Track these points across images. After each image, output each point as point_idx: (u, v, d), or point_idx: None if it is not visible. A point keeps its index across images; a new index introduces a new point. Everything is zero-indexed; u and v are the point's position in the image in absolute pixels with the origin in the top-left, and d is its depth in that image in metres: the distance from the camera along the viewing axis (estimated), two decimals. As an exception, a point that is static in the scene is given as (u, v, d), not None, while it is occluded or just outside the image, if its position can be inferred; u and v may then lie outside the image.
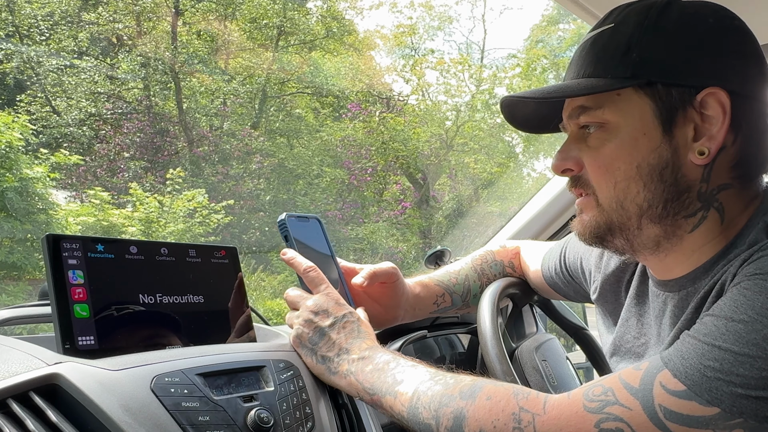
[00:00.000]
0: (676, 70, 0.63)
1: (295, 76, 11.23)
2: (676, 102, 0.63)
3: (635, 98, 0.64)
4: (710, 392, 0.53)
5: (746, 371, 0.52)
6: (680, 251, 0.68)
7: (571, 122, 0.70)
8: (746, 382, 0.51)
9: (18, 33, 9.13)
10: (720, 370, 0.53)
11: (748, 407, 0.51)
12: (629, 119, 0.64)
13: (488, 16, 15.63)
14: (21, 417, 0.60)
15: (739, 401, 0.52)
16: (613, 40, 0.65)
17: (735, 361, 0.52)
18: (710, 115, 0.62)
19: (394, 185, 11.67)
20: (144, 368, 0.69)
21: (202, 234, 7.99)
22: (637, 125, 0.64)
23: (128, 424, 0.63)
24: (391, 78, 13.23)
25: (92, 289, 0.76)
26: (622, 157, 0.65)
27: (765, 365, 0.51)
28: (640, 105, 0.64)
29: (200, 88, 10.22)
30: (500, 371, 0.84)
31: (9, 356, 0.67)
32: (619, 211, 0.66)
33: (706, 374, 0.53)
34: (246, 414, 0.72)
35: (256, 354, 0.82)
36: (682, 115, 0.63)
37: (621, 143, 0.65)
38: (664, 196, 0.64)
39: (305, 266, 0.81)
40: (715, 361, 0.53)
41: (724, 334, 0.54)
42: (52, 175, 6.95)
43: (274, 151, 10.67)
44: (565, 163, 0.70)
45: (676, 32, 0.63)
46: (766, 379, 0.51)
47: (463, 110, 13.16)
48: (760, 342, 0.52)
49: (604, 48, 0.66)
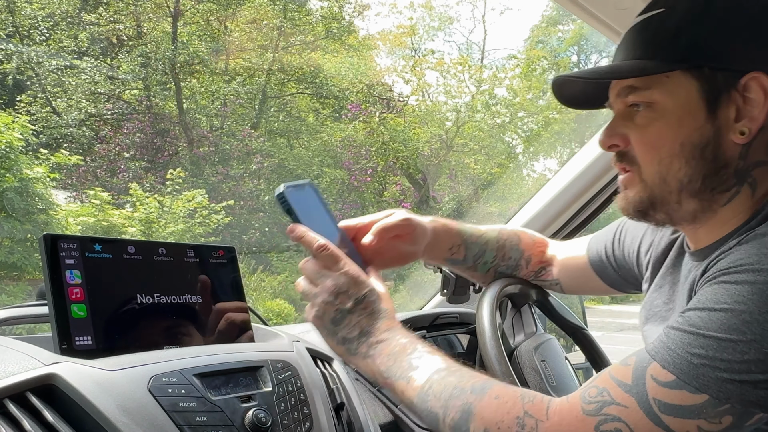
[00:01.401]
0: (722, 55, 0.66)
1: (295, 76, 11.24)
2: (721, 85, 0.66)
3: (683, 80, 0.67)
4: (698, 379, 0.55)
5: (730, 356, 0.54)
6: (713, 223, 0.71)
7: (619, 100, 0.73)
8: (730, 366, 0.54)
9: (18, 33, 9.14)
10: (705, 356, 0.55)
11: (734, 392, 0.54)
12: (676, 100, 0.68)
13: (488, 16, 15.64)
14: (18, 417, 0.60)
15: (725, 386, 0.54)
16: (664, 24, 0.69)
17: (719, 347, 0.54)
18: (752, 97, 0.65)
19: (394, 186, 11.68)
20: (141, 368, 0.69)
21: (202, 234, 7.99)
22: (684, 106, 0.68)
23: (125, 424, 0.63)
24: (392, 78, 13.25)
25: (90, 289, 0.75)
26: (667, 135, 0.68)
27: (746, 348, 0.53)
28: (687, 87, 0.67)
29: (200, 89, 10.23)
30: (499, 372, 0.84)
31: (6, 356, 0.67)
32: (662, 186, 0.70)
33: (692, 362, 0.55)
34: (244, 414, 0.72)
35: (254, 354, 0.82)
36: (726, 97, 0.66)
37: (667, 122, 0.68)
38: (703, 172, 0.68)
39: (318, 244, 0.75)
40: (701, 349, 0.55)
41: (707, 323, 0.56)
42: (52, 175, 6.95)
43: (274, 151, 10.68)
44: (612, 139, 0.73)
45: (723, 18, 0.66)
46: (748, 362, 0.53)
47: (463, 111, 13.16)
48: (740, 327, 0.54)
49: (655, 32, 0.70)
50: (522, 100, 14.14)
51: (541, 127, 14.35)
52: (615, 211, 0.88)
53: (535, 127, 14.61)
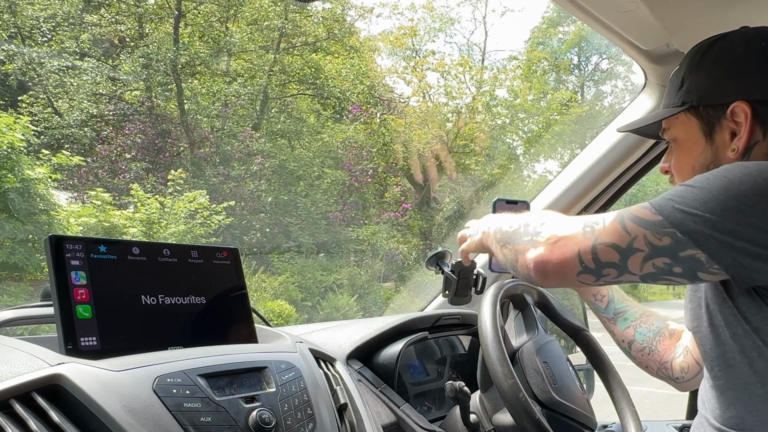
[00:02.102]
0: (710, 95, 0.87)
1: (296, 77, 11.24)
2: (713, 118, 0.87)
3: (686, 119, 0.90)
4: (660, 206, 0.75)
5: (686, 195, 0.74)
6: None
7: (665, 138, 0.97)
8: (684, 201, 0.74)
9: (20, 34, 9.15)
10: (672, 194, 0.76)
11: (678, 219, 0.73)
12: (685, 134, 0.91)
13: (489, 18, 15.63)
14: (24, 417, 0.60)
15: (674, 213, 0.74)
16: (675, 78, 0.93)
17: (683, 190, 0.75)
18: (740, 121, 0.84)
19: (394, 187, 11.67)
20: (146, 369, 0.70)
21: (203, 235, 7.99)
22: (690, 137, 0.90)
23: (130, 424, 0.63)
24: (392, 80, 13.25)
25: (95, 290, 0.76)
26: (684, 161, 0.91)
27: (700, 194, 0.73)
28: (690, 124, 0.90)
29: (201, 90, 10.23)
30: (501, 373, 0.84)
31: (12, 357, 0.67)
32: None
33: (663, 196, 0.76)
34: (248, 415, 0.73)
35: (257, 355, 0.83)
36: (719, 126, 0.86)
37: (683, 151, 0.92)
38: None
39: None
40: (674, 190, 0.76)
41: (686, 181, 0.77)
42: (53, 176, 6.95)
43: (275, 152, 10.68)
44: (664, 166, 0.97)
45: (711, 66, 0.88)
46: (697, 201, 0.72)
47: (464, 112, 13.16)
48: (702, 181, 0.74)
49: (670, 85, 0.94)
50: (523, 102, 14.14)
51: (542, 128, 14.35)
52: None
53: (535, 128, 14.61)
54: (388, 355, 1.10)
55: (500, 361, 0.85)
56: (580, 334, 1.13)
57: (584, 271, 0.78)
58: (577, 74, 17.78)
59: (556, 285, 0.85)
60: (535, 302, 1.10)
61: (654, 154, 1.53)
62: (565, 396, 0.96)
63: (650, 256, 0.75)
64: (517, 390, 0.83)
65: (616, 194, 1.60)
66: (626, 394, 1.07)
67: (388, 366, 1.09)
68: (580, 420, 0.97)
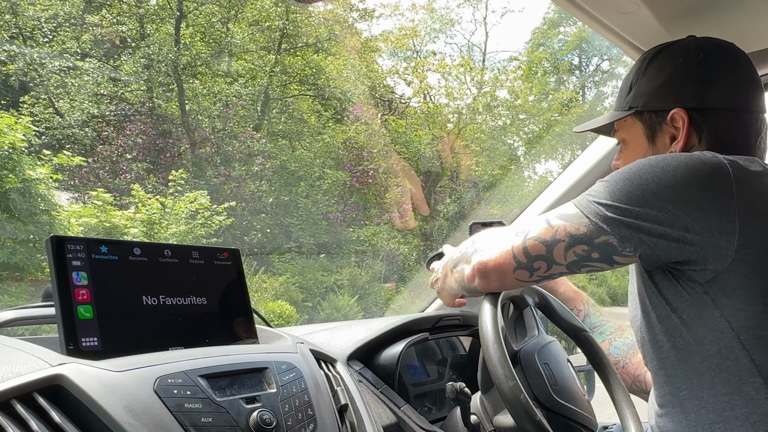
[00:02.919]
0: (653, 101, 0.95)
1: (297, 78, 11.25)
2: (655, 122, 0.95)
3: (632, 122, 0.98)
4: (578, 202, 0.85)
5: (600, 189, 0.83)
6: None
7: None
8: (597, 194, 0.83)
9: (21, 35, 9.16)
10: (589, 191, 0.85)
11: (592, 210, 0.82)
12: (631, 136, 0.99)
13: (489, 18, 15.63)
14: (25, 418, 0.60)
15: (589, 205, 0.83)
16: (625, 83, 1.01)
17: (598, 185, 0.84)
18: (678, 127, 0.92)
19: (395, 188, 11.68)
20: (147, 369, 0.70)
21: (204, 235, 7.99)
22: (635, 140, 0.98)
23: (131, 425, 0.63)
24: (393, 80, 13.25)
25: (96, 291, 0.76)
26: (630, 160, 0.93)
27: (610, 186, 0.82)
28: (635, 126, 0.98)
29: (203, 90, 10.24)
30: (502, 375, 0.84)
31: (13, 357, 0.67)
32: None
33: (583, 194, 0.86)
34: (248, 415, 0.73)
35: (258, 356, 0.83)
36: (660, 130, 0.95)
37: (629, 152, 1.00)
38: None
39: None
40: (591, 188, 0.86)
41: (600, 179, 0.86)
42: (54, 176, 6.96)
43: (276, 153, 10.68)
44: (615, 164, 1.05)
45: (654, 74, 0.95)
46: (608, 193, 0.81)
47: (464, 113, 13.16)
48: (614, 176, 0.83)
49: (621, 88, 1.02)
50: (523, 102, 14.14)
51: (543, 129, 14.35)
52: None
53: (536, 128, 14.61)
54: (389, 356, 1.10)
55: (501, 363, 0.85)
56: (581, 335, 1.13)
57: (518, 266, 0.87)
58: (578, 75, 17.78)
59: (496, 286, 0.91)
60: (536, 303, 1.10)
61: None
62: (565, 397, 0.96)
63: (571, 245, 0.83)
64: (518, 392, 0.82)
65: None
66: (627, 395, 1.07)
67: (389, 367, 1.09)
68: (580, 421, 0.96)
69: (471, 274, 0.91)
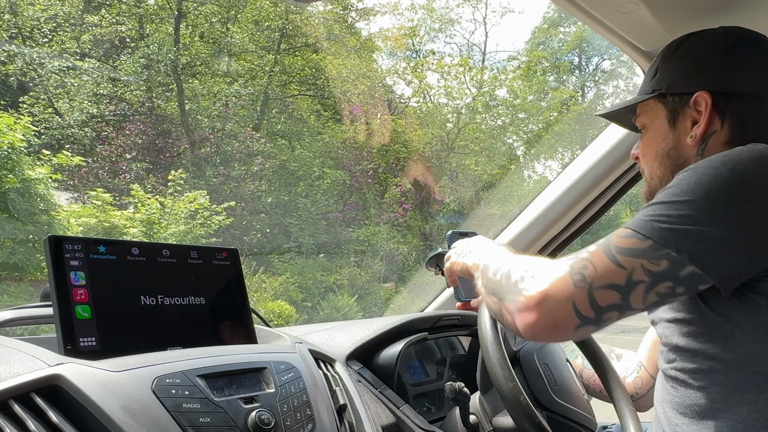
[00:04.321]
0: (677, 84, 0.92)
1: (297, 78, 11.25)
2: (677, 105, 0.92)
3: (654, 106, 0.95)
4: (646, 229, 0.73)
5: (671, 212, 0.72)
6: None
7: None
8: (670, 219, 0.72)
9: (21, 35, 9.16)
10: (653, 214, 0.73)
11: (671, 239, 0.71)
12: (652, 120, 0.96)
13: (489, 18, 15.63)
14: (22, 418, 0.60)
15: (664, 234, 0.71)
16: (651, 68, 0.98)
17: (664, 207, 0.73)
18: (701, 110, 0.88)
19: (395, 187, 11.68)
20: (145, 369, 0.69)
21: (203, 235, 7.99)
22: (656, 124, 0.95)
23: (129, 425, 0.63)
24: (393, 80, 13.25)
25: (94, 291, 0.76)
26: (649, 146, 0.96)
27: (683, 207, 0.72)
28: (657, 111, 0.95)
29: (202, 90, 10.24)
30: (502, 376, 0.84)
31: (11, 357, 0.67)
32: (652, 182, 0.96)
33: (643, 218, 0.74)
34: (247, 415, 0.72)
35: (257, 355, 0.82)
36: (682, 114, 0.91)
37: (649, 137, 0.96)
38: (671, 168, 0.92)
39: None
40: (652, 210, 0.74)
41: (658, 197, 0.76)
42: (54, 176, 6.95)
43: (276, 152, 10.68)
44: (634, 153, 1.01)
45: (681, 58, 0.93)
46: (683, 217, 0.71)
47: (464, 112, 13.16)
48: (680, 193, 0.73)
49: (646, 74, 0.99)
50: (523, 102, 14.14)
51: (542, 128, 14.35)
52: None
53: (536, 128, 14.62)
54: (388, 356, 1.10)
55: (501, 364, 0.85)
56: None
57: (583, 323, 0.72)
58: (578, 75, 17.79)
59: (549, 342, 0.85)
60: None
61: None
62: (565, 398, 0.96)
63: (652, 285, 0.71)
64: (518, 393, 0.82)
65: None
66: (626, 394, 1.07)
67: (388, 367, 1.09)
68: (580, 421, 0.96)
69: (515, 327, 0.77)
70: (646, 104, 0.96)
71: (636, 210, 7.29)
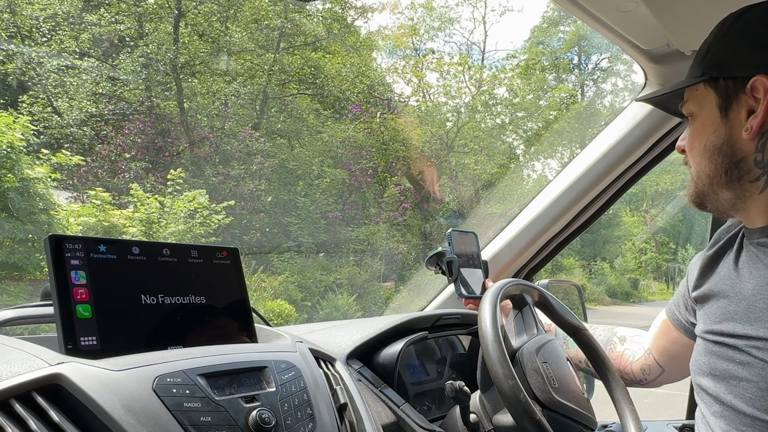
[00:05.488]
0: (731, 65, 0.79)
1: (296, 77, 11.24)
2: (731, 91, 0.79)
3: (704, 92, 0.82)
4: None
5: None
6: (758, 208, 0.82)
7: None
8: None
9: (20, 34, 9.14)
10: None
11: None
12: (701, 108, 0.83)
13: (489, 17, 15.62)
14: (23, 417, 0.60)
15: None
16: (703, 46, 0.84)
17: None
18: (759, 97, 0.76)
19: (394, 186, 11.68)
20: (146, 368, 0.69)
21: (202, 234, 7.99)
22: (705, 112, 0.82)
23: (130, 424, 0.63)
24: (392, 79, 13.25)
25: (94, 290, 0.76)
26: (697, 139, 0.84)
27: None
28: (707, 96, 0.82)
29: (201, 89, 10.23)
30: (501, 374, 0.84)
31: (11, 356, 0.67)
32: (699, 181, 0.85)
33: None
34: (247, 414, 0.72)
35: (257, 354, 0.82)
36: (737, 101, 0.79)
37: (696, 128, 0.84)
38: (724, 166, 0.80)
39: None
40: None
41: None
42: (53, 175, 6.95)
43: (275, 152, 10.68)
44: (680, 144, 0.89)
45: (737, 35, 0.80)
46: None
47: (463, 111, 13.16)
48: None
49: (697, 53, 0.85)
50: (522, 101, 14.14)
51: (542, 127, 14.35)
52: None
53: (535, 126, 14.62)
54: (388, 355, 1.10)
55: (500, 362, 0.85)
56: (579, 333, 1.13)
57: None
58: (577, 74, 17.79)
59: None
60: (535, 302, 1.10)
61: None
62: (565, 396, 0.96)
63: None
64: (517, 391, 0.82)
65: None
66: (626, 393, 1.07)
67: (388, 366, 1.09)
68: (580, 420, 0.96)
69: None
70: (695, 89, 0.83)
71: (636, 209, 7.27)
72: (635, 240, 18.92)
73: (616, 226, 17.61)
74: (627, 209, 18.69)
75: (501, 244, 1.61)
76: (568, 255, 14.86)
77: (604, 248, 17.17)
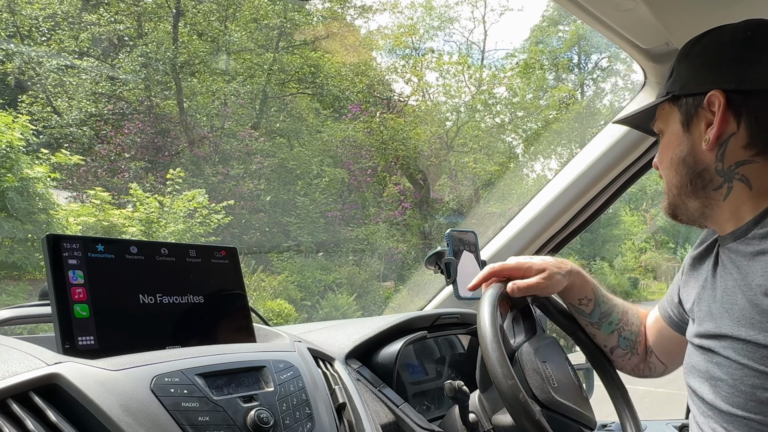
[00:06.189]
0: (691, 83, 0.86)
1: (295, 76, 11.23)
2: (691, 107, 0.86)
3: (669, 110, 0.90)
4: None
5: None
6: (724, 215, 0.87)
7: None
8: None
9: (19, 33, 9.14)
10: None
11: None
12: (667, 125, 0.90)
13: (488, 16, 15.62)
14: (21, 417, 0.60)
15: None
16: (669, 70, 0.91)
17: None
18: (715, 110, 0.82)
19: (393, 186, 11.67)
20: (144, 368, 0.69)
21: (202, 234, 7.98)
22: (671, 128, 0.90)
23: (128, 424, 0.63)
24: (392, 78, 13.24)
25: (92, 289, 0.75)
26: (665, 153, 0.90)
27: None
28: (672, 114, 0.89)
29: (201, 89, 10.22)
30: (501, 374, 0.83)
31: (9, 356, 0.67)
32: (670, 193, 0.91)
33: None
34: (246, 414, 0.72)
35: (256, 354, 0.82)
36: (696, 116, 0.85)
37: (664, 143, 0.91)
38: (689, 176, 0.87)
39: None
40: None
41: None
42: (52, 175, 6.94)
43: (275, 151, 10.67)
44: (655, 162, 0.95)
45: (695, 56, 0.87)
46: None
47: (463, 111, 13.16)
48: None
49: (666, 77, 0.92)
50: (521, 100, 14.14)
51: (541, 126, 14.36)
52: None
53: (534, 126, 14.62)
54: (387, 355, 1.10)
55: (500, 362, 0.84)
56: (579, 333, 1.12)
57: None
58: (577, 73, 17.78)
59: None
60: (534, 301, 1.10)
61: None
62: (564, 396, 0.95)
63: None
64: (517, 391, 0.82)
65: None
66: (626, 393, 1.07)
67: (387, 365, 1.08)
68: (579, 420, 0.96)
69: None
70: (662, 108, 0.91)
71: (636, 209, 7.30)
72: (635, 239, 18.93)
73: (615, 226, 17.62)
74: (627, 209, 18.69)
75: (500, 243, 1.60)
76: (567, 254, 14.86)
77: (603, 247, 17.17)
